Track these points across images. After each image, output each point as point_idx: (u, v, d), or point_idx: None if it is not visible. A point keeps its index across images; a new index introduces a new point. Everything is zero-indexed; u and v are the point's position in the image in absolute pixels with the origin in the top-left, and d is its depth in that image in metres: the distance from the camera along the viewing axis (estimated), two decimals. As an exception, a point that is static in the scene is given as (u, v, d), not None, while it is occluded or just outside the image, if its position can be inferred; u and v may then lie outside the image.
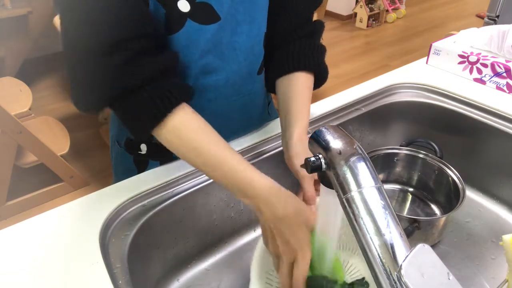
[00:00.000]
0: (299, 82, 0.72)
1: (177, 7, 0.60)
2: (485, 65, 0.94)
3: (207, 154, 0.58)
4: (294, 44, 0.74)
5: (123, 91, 0.55)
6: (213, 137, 0.59)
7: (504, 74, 0.91)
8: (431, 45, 1.04)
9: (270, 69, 0.78)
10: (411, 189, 0.93)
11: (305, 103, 0.70)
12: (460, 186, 0.79)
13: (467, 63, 0.98)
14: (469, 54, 0.97)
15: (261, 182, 0.55)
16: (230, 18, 0.66)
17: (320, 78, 0.76)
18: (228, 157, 0.57)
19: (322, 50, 0.76)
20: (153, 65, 0.57)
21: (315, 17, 0.78)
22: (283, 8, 0.73)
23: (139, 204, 0.67)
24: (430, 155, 0.86)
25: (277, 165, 0.77)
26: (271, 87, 0.78)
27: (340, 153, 0.40)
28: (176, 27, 0.62)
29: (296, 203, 0.55)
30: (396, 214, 0.38)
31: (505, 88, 0.92)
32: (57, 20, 1.94)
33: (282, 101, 0.72)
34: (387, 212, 0.36)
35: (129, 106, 0.57)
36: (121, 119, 0.60)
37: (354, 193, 0.38)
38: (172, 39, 0.63)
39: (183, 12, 0.61)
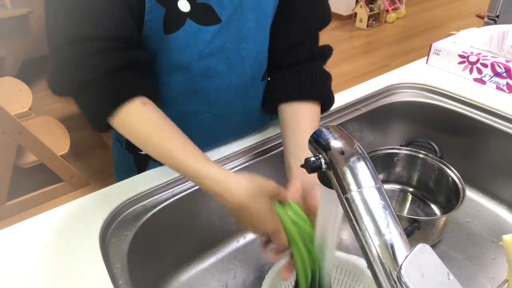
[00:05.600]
0: (308, 113, 0.71)
1: (177, 6, 0.61)
2: (485, 65, 0.94)
3: (156, 147, 0.57)
4: (305, 68, 0.73)
5: (82, 82, 0.56)
6: (166, 130, 0.58)
7: (504, 74, 0.91)
8: (431, 45, 1.04)
9: (273, 90, 0.77)
10: (411, 189, 0.93)
11: None
12: (460, 186, 0.79)
13: (467, 63, 0.98)
14: (469, 54, 0.97)
15: (216, 172, 0.54)
16: (237, 23, 0.66)
17: (326, 106, 0.76)
18: (179, 149, 0.56)
19: (329, 77, 0.75)
20: (114, 60, 0.57)
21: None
22: (289, 15, 0.72)
23: (139, 204, 0.67)
24: (430, 155, 0.86)
25: (277, 165, 0.77)
26: (271, 108, 0.77)
27: (340, 153, 0.40)
28: (175, 26, 0.62)
29: (257, 182, 0.54)
30: (396, 214, 0.38)
31: (505, 88, 0.92)
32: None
33: (287, 127, 0.70)
34: (387, 212, 0.36)
35: (87, 96, 0.58)
36: (80, 108, 0.60)
37: (354, 193, 0.38)
38: (170, 38, 0.63)
39: (183, 12, 0.61)
